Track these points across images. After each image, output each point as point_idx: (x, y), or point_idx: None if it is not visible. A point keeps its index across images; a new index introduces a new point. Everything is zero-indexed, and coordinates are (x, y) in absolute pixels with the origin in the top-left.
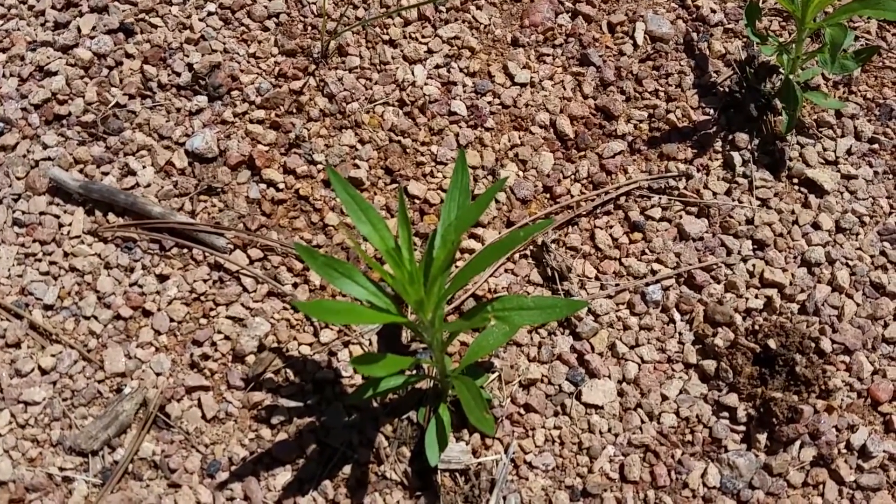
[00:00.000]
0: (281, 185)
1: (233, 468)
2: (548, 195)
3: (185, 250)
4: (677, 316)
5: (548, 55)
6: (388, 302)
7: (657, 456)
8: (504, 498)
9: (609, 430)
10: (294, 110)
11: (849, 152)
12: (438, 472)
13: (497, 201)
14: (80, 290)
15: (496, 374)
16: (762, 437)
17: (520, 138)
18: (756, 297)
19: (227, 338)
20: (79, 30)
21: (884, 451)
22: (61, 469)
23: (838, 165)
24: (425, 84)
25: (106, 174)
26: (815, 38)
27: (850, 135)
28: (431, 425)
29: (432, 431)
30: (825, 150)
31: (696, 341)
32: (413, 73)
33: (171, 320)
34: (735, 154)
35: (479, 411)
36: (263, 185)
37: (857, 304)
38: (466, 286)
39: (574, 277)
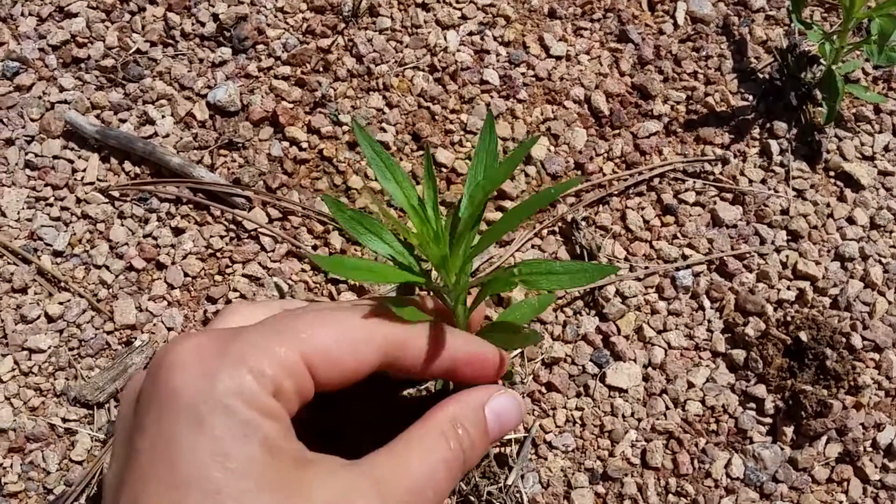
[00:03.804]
0: (304, 145)
1: None
2: (579, 172)
3: (203, 204)
4: (707, 303)
5: (585, 29)
6: (413, 261)
7: (680, 443)
8: (522, 476)
9: (632, 415)
10: (321, 69)
11: (886, 149)
12: None
13: (526, 175)
14: (92, 238)
15: (519, 350)
16: (789, 431)
17: (553, 112)
18: (788, 288)
19: (242, 296)
20: None
21: None
22: (64, 420)
23: (875, 161)
24: (458, 51)
25: (123, 121)
26: (857, 32)
27: (888, 131)
28: None
29: None
30: (862, 144)
31: (726, 329)
32: (445, 39)
33: (186, 275)
34: (773, 142)
35: None
36: (286, 143)
37: (889, 303)
38: (492, 258)
39: (603, 257)
